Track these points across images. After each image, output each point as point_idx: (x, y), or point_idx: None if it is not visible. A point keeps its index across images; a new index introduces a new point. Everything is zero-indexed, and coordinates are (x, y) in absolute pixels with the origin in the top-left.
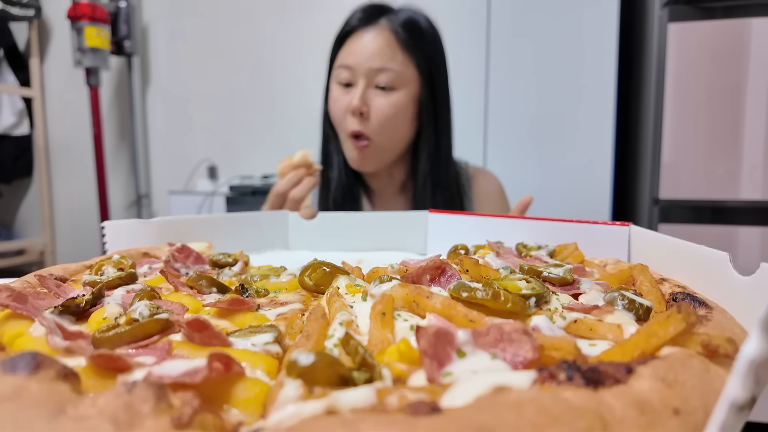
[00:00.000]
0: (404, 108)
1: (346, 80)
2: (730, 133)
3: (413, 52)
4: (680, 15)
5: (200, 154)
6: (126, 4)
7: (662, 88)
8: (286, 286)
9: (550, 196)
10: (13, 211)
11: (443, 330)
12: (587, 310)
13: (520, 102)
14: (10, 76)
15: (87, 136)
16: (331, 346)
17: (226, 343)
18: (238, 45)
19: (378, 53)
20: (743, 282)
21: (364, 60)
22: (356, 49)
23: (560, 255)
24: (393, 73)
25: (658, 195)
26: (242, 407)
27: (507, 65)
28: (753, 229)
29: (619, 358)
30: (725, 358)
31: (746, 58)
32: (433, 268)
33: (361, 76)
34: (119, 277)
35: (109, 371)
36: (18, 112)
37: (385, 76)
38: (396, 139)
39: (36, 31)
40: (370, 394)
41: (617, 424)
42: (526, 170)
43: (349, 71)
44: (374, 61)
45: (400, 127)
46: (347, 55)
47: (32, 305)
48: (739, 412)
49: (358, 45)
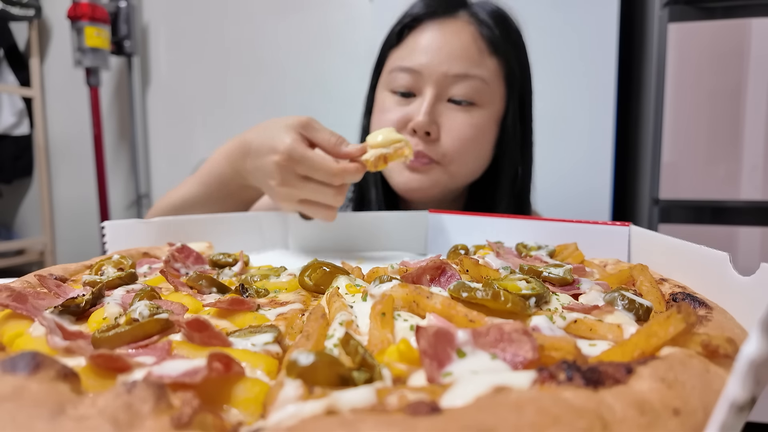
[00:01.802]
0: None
1: (406, 88)
2: (730, 133)
3: (504, 58)
4: (680, 15)
5: (200, 154)
6: (126, 4)
7: (662, 88)
8: (286, 286)
9: (550, 196)
10: (13, 211)
11: (443, 330)
12: (587, 311)
13: None
14: (10, 76)
15: (87, 136)
16: (331, 346)
17: (226, 343)
18: (238, 45)
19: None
20: (743, 282)
21: (438, 62)
22: (424, 46)
23: (560, 255)
24: (477, 83)
25: (658, 195)
26: (242, 407)
27: None
28: (753, 229)
29: (619, 359)
30: (725, 358)
31: (746, 58)
32: (433, 268)
33: (431, 84)
34: (119, 277)
35: (109, 371)
36: (18, 112)
37: (465, 86)
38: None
39: (36, 31)
40: (370, 394)
41: (617, 424)
42: None
43: (411, 76)
44: (454, 64)
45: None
46: (411, 53)
47: (32, 305)
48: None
49: (426, 42)
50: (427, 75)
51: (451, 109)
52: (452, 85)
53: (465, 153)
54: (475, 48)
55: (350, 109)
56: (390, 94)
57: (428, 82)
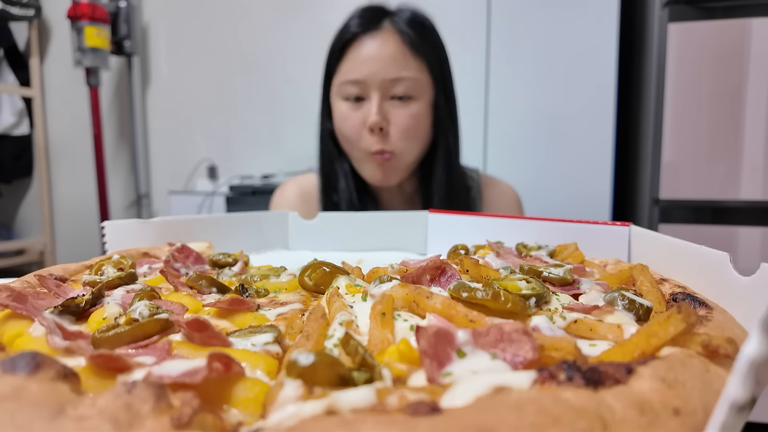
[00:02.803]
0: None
1: (356, 95)
2: (730, 133)
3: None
4: (680, 15)
5: (200, 154)
6: (126, 4)
7: (662, 88)
8: (286, 286)
9: (550, 196)
10: (13, 211)
11: (443, 330)
12: (587, 311)
13: (520, 102)
14: (10, 76)
15: (87, 136)
16: (331, 346)
17: (226, 343)
18: (239, 45)
19: (390, 61)
20: (743, 282)
21: (375, 71)
22: (363, 59)
23: (560, 255)
24: (410, 82)
25: (658, 195)
26: (242, 407)
27: (507, 65)
28: (753, 230)
29: (619, 359)
30: (725, 358)
31: (746, 58)
32: (433, 268)
33: (375, 89)
34: (119, 277)
35: (109, 371)
36: (18, 112)
37: (402, 86)
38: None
39: (36, 31)
40: (370, 394)
41: (617, 424)
42: (526, 170)
43: (359, 86)
44: (388, 70)
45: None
46: (353, 67)
47: (32, 305)
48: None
49: (364, 55)
50: (370, 82)
51: (395, 106)
52: (391, 86)
53: (410, 139)
54: (400, 53)
55: None
56: (343, 102)
57: (372, 88)
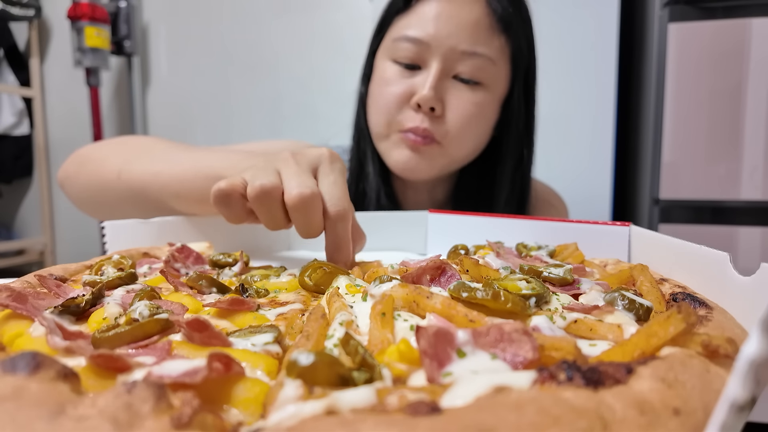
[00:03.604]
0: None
1: (410, 59)
2: (731, 133)
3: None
4: (680, 15)
5: None
6: (126, 4)
7: (662, 88)
8: (286, 286)
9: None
10: (13, 211)
11: (443, 330)
12: (587, 311)
13: None
14: (10, 76)
15: (87, 136)
16: (331, 346)
17: (226, 343)
18: (239, 45)
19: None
20: (743, 282)
21: (445, 35)
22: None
23: (560, 255)
24: (484, 62)
25: (658, 195)
26: (242, 407)
27: None
28: (753, 229)
29: (619, 359)
30: (725, 358)
31: (746, 58)
32: (433, 268)
33: (437, 58)
34: (119, 277)
35: (109, 371)
36: (18, 112)
37: (473, 64)
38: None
39: (36, 31)
40: (370, 394)
41: (617, 424)
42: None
43: (418, 47)
44: (461, 39)
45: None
46: (419, 22)
47: (32, 305)
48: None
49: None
50: (434, 48)
51: (456, 87)
52: (459, 61)
53: (467, 133)
54: (485, 24)
55: (350, 110)
56: (392, 64)
57: (435, 56)
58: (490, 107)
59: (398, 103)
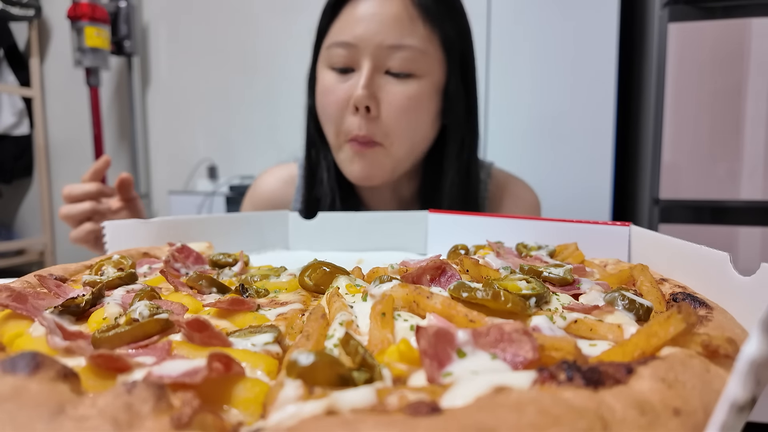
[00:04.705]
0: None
1: (344, 63)
2: (731, 132)
3: (439, 25)
4: (680, 15)
5: (200, 154)
6: (126, 4)
7: (662, 88)
8: (286, 286)
9: (550, 196)
10: (13, 211)
11: (443, 330)
12: (587, 311)
13: (520, 102)
14: (10, 76)
15: (87, 136)
16: (331, 346)
17: (226, 343)
18: (238, 45)
19: (392, 24)
20: (743, 282)
21: (371, 34)
22: (358, 17)
23: (560, 255)
24: (412, 53)
25: (658, 195)
26: (242, 407)
27: (507, 65)
28: (753, 229)
29: (619, 359)
30: (726, 358)
31: (746, 58)
32: (433, 268)
33: (367, 57)
34: (119, 277)
35: (109, 371)
36: (18, 112)
37: (400, 57)
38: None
39: (36, 31)
40: (370, 395)
41: (617, 424)
42: (526, 170)
43: (347, 50)
44: (386, 35)
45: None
46: (344, 27)
47: (32, 305)
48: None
49: (360, 12)
50: (363, 48)
51: (389, 82)
52: (388, 56)
53: (405, 127)
54: (407, 15)
55: None
56: (329, 71)
57: (365, 55)
58: (427, 97)
59: (339, 110)
